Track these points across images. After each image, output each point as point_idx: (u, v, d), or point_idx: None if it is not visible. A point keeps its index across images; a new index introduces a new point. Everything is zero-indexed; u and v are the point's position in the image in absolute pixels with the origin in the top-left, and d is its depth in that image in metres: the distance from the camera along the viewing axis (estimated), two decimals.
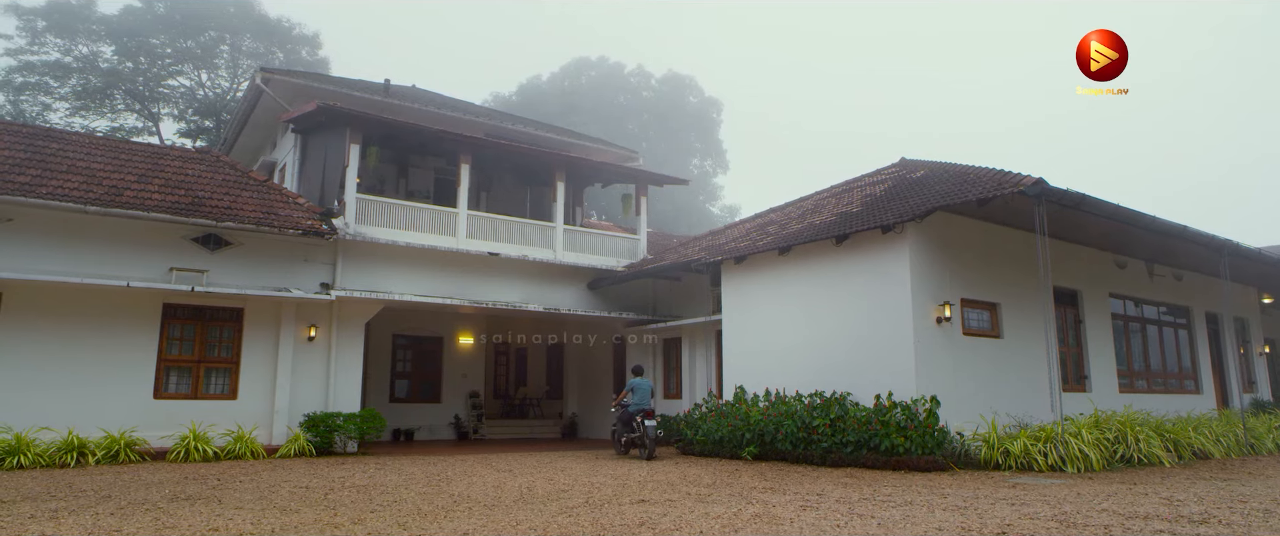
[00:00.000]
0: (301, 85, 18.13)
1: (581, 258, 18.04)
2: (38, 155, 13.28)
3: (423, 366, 20.09)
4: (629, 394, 13.67)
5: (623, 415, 13.61)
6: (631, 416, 13.38)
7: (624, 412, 13.57)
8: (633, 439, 13.39)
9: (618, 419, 13.72)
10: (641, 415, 13.12)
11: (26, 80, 32.07)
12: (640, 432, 13.06)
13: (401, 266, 15.68)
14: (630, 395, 13.63)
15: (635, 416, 13.28)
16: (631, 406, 13.47)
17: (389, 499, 7.96)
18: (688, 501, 7.82)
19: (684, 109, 49.69)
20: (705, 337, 16.89)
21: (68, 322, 12.39)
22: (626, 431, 13.54)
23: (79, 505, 7.43)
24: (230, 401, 13.45)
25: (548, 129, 22.91)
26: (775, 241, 14.33)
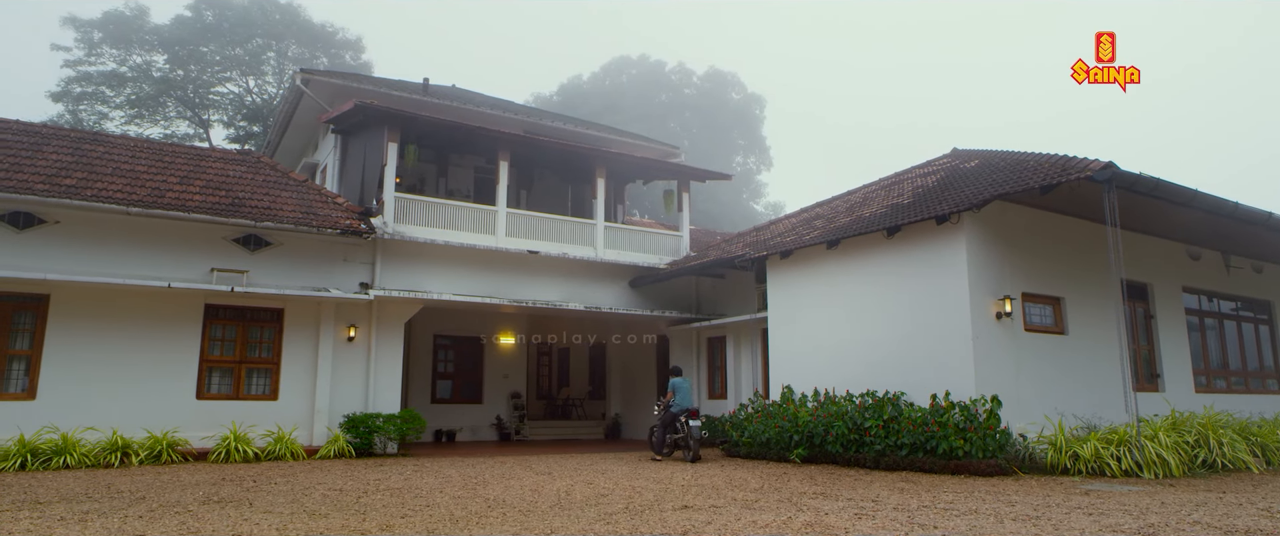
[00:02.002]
0: (341, 86, 18.13)
1: (623, 255, 17.68)
2: (84, 159, 13.40)
3: (464, 367, 19.95)
4: (672, 394, 13.35)
5: (665, 416, 13.25)
6: (675, 417, 13.07)
7: (667, 414, 13.22)
8: (676, 440, 13.08)
9: (660, 421, 13.36)
10: (686, 415, 12.84)
11: (84, 90, 32.99)
12: (684, 433, 12.76)
13: (441, 265, 15.51)
14: (674, 395, 13.31)
15: (679, 417, 12.99)
16: (675, 407, 13.16)
17: (422, 503, 7.68)
18: (734, 508, 7.38)
19: (726, 106, 49.11)
20: (750, 336, 16.39)
21: (113, 323, 12.45)
22: (669, 433, 13.23)
23: (112, 507, 7.29)
24: (271, 402, 13.40)
25: (588, 126, 22.63)
26: (823, 235, 13.78)
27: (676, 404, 13.20)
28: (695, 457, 12.49)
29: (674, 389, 13.38)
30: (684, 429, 12.78)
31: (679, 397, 13.26)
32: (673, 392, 13.35)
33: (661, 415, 13.37)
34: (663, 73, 50.16)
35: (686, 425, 12.72)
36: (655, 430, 13.45)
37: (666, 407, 13.30)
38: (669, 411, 13.20)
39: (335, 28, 37.97)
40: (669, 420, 13.17)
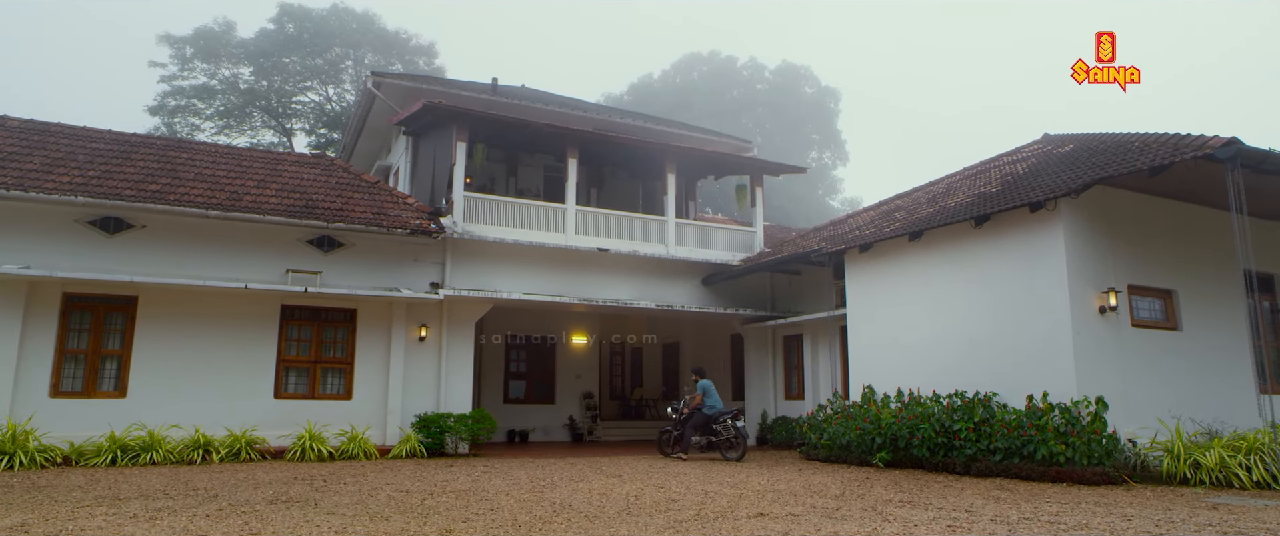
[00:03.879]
0: (411, 87, 18.28)
1: (694, 252, 17.26)
2: (169, 165, 13.80)
3: (536, 367, 19.88)
4: (703, 397, 13.44)
5: (699, 418, 13.27)
6: (709, 419, 13.19)
7: (700, 416, 13.26)
8: (715, 442, 13.20)
9: (691, 423, 13.32)
10: (728, 417, 13.13)
11: (178, 103, 34.58)
12: (729, 435, 13.05)
13: (510, 264, 15.41)
14: (705, 398, 13.42)
15: (720, 418, 13.16)
16: (709, 409, 13.30)
17: (486, 506, 7.45)
18: (813, 516, 6.89)
19: (799, 100, 48.02)
20: (828, 334, 15.74)
21: (196, 324, 12.76)
22: (705, 435, 13.31)
23: (183, 505, 7.31)
24: (345, 401, 13.52)
25: (657, 122, 22.28)
26: (904, 227, 13.06)
27: (710, 406, 13.33)
28: (742, 456, 12.90)
29: (704, 391, 13.48)
30: (729, 430, 13.04)
31: (711, 400, 13.41)
32: (703, 395, 13.42)
33: (693, 417, 13.32)
34: (734, 68, 49.41)
35: (732, 426, 13.02)
36: (673, 430, 13.61)
37: (697, 409, 13.33)
38: (701, 412, 13.26)
39: (409, 34, 38.79)
40: (702, 421, 13.24)
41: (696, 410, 13.31)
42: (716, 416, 13.21)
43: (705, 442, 13.22)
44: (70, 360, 12.17)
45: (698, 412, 13.27)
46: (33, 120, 14.26)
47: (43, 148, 13.18)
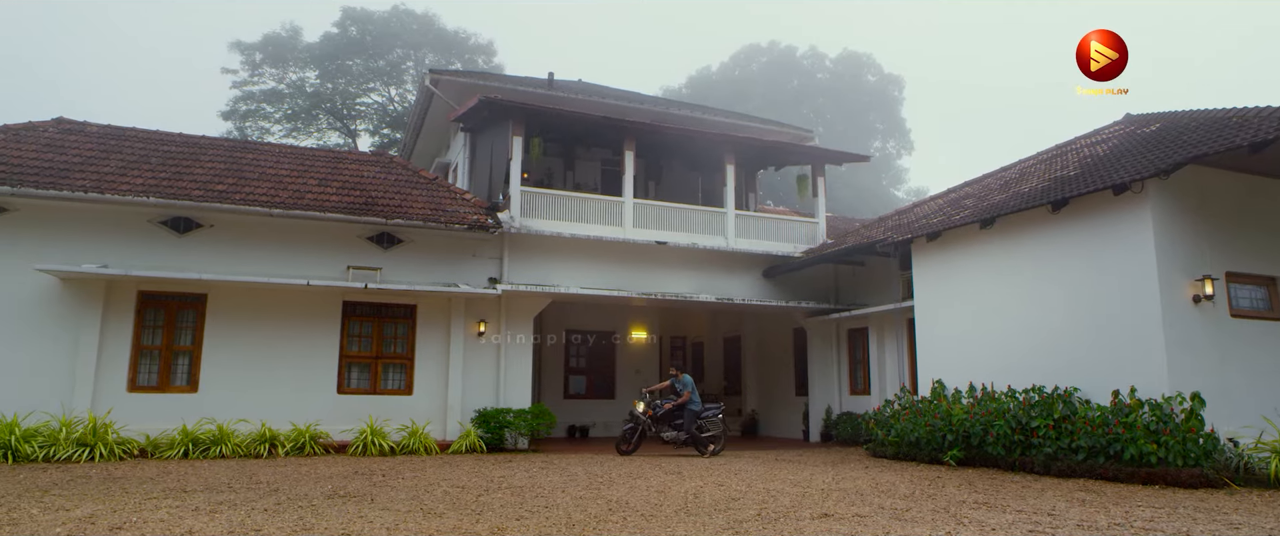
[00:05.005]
0: (467, 84, 18.34)
1: (755, 244, 16.87)
2: (235, 166, 14.12)
3: (596, 362, 19.79)
4: (689, 394, 13.12)
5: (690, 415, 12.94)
6: (697, 414, 13.00)
7: (691, 412, 12.95)
8: (699, 438, 12.96)
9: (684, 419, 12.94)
10: (713, 412, 13.20)
11: (248, 108, 35.71)
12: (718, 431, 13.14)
13: (568, 259, 15.31)
14: (692, 394, 13.13)
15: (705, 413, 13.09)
16: (695, 405, 13.10)
17: (541, 503, 7.30)
18: (881, 517, 6.52)
19: (862, 89, 46.88)
20: (894, 326, 15.18)
21: (262, 320, 13.02)
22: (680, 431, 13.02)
23: (244, 499, 7.37)
24: (406, 397, 13.62)
25: (716, 112, 21.90)
26: (975, 214, 12.45)
27: (698, 402, 13.16)
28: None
29: (690, 387, 13.19)
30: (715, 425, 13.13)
31: (697, 396, 13.23)
32: (689, 392, 13.12)
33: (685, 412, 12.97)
34: (793, 58, 48.52)
35: (717, 420, 13.15)
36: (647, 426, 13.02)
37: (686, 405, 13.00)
38: (691, 408, 12.97)
39: (468, 33, 39.25)
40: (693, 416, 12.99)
41: (685, 406, 13.02)
42: (703, 411, 13.09)
43: (684, 438, 12.92)
44: (145, 355, 12.55)
45: (689, 408, 12.99)
46: (110, 125, 14.77)
47: (119, 151, 13.63)
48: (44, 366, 11.81)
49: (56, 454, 10.81)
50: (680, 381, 13.29)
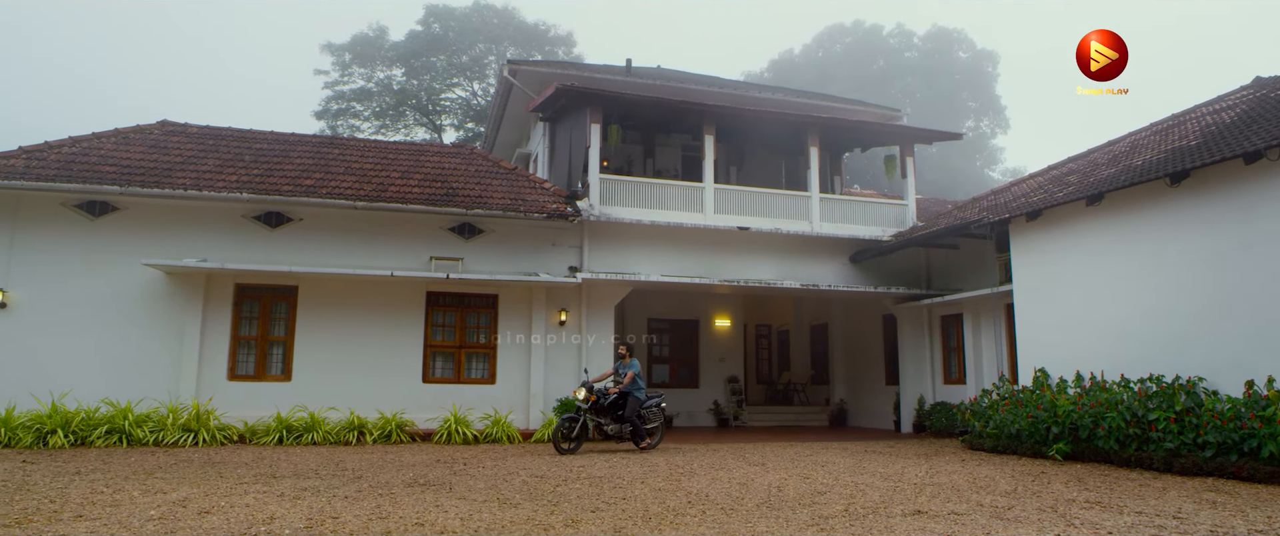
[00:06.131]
0: (546, 73, 18.34)
1: (841, 228, 16.27)
2: (322, 161, 14.51)
3: (679, 350, 19.57)
4: (632, 375, 11.69)
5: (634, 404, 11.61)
6: (641, 403, 11.80)
7: (635, 402, 11.63)
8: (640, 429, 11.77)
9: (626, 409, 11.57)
10: (656, 403, 12.21)
11: (339, 107, 36.97)
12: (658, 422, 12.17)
13: (648, 246, 15.12)
14: (636, 378, 11.77)
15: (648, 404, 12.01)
16: (640, 392, 11.80)
17: (619, 494, 7.13)
18: (980, 515, 6.06)
19: (952, 66, 44.85)
20: (991, 312, 14.36)
21: (350, 311, 13.35)
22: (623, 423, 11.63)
23: (328, 486, 7.48)
24: (489, 385, 13.73)
25: (798, 94, 21.30)
26: (1080, 190, 11.59)
27: (641, 388, 11.82)
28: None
29: (634, 371, 11.77)
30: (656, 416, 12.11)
31: (641, 382, 11.93)
32: (635, 377, 11.72)
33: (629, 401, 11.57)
34: (879, 37, 46.83)
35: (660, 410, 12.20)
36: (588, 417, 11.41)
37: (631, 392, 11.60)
38: (636, 396, 11.60)
39: (547, 25, 39.48)
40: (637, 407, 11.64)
41: (629, 393, 11.58)
42: (646, 400, 11.95)
43: (628, 431, 11.63)
44: (243, 346, 13.05)
45: (633, 397, 11.58)
46: (209, 126, 15.40)
47: (216, 151, 14.19)
48: (152, 356, 12.42)
49: (164, 438, 11.36)
50: (626, 365, 11.86)
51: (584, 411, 11.35)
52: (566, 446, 11.09)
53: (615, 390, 11.61)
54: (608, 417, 11.57)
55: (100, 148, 13.38)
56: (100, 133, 13.97)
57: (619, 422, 11.54)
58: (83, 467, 8.73)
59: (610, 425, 11.54)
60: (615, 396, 11.59)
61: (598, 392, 11.51)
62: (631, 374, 11.66)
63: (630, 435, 11.65)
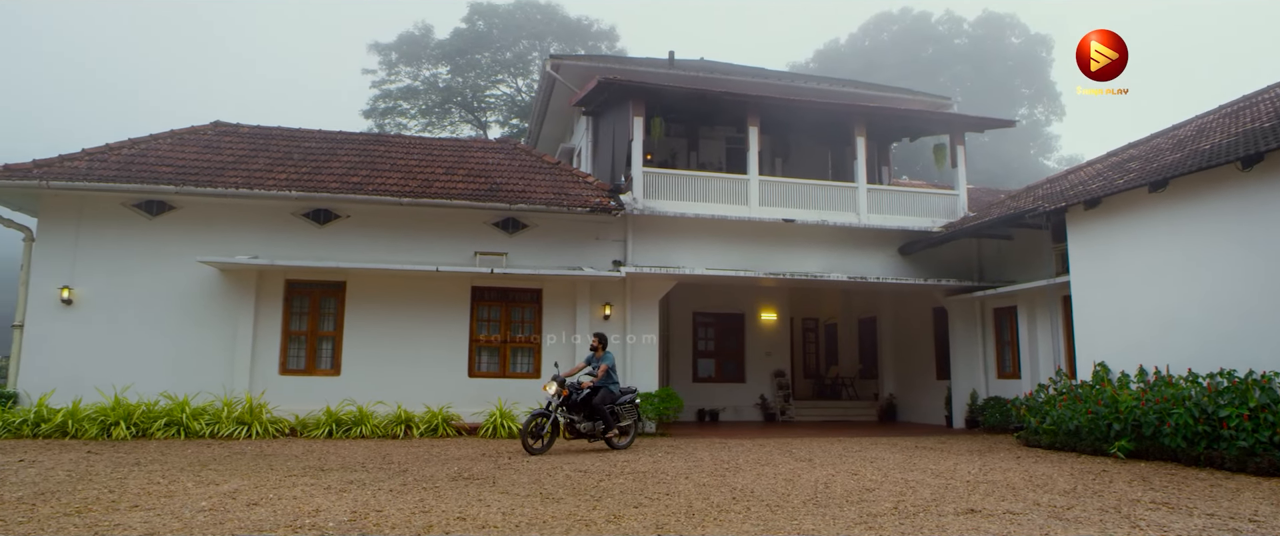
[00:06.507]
0: (588, 67, 18.30)
1: (889, 219, 15.92)
2: (368, 158, 14.69)
3: (725, 345, 19.39)
4: (606, 368, 10.93)
5: (604, 397, 10.72)
6: (615, 398, 10.90)
7: (607, 395, 10.77)
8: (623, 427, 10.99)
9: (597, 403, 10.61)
10: (630, 398, 11.24)
11: (387, 106, 37.55)
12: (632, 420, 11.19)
13: (692, 239, 14.99)
14: (611, 372, 11.02)
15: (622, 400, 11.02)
16: (617, 388, 11.04)
17: (662, 490, 7.04)
18: (1037, 515, 5.82)
19: (1005, 53, 43.65)
20: (1047, 304, 13.90)
21: (397, 306, 13.50)
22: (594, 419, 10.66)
23: (373, 479, 7.55)
24: (533, 380, 13.74)
25: (844, 83, 20.86)
26: (1143, 176, 11.11)
27: (615, 383, 11.02)
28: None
29: (609, 364, 11.02)
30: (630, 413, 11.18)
31: (616, 376, 11.21)
32: (607, 367, 10.94)
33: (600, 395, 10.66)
34: (928, 24, 45.78)
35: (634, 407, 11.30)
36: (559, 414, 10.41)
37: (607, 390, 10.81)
38: (610, 390, 10.82)
39: (590, 20, 39.53)
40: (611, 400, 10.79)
41: (604, 387, 10.79)
42: (620, 396, 11.03)
43: (602, 429, 10.64)
44: (294, 341, 13.30)
45: (606, 390, 10.77)
46: (259, 126, 15.71)
47: (266, 150, 14.47)
48: (208, 350, 12.74)
49: (220, 431, 11.64)
50: (600, 358, 11.07)
51: (555, 408, 10.36)
52: (536, 445, 10.11)
53: (588, 384, 10.74)
54: (580, 414, 10.61)
55: (157, 148, 13.74)
56: (157, 134, 14.35)
57: (592, 420, 10.61)
58: (142, 458, 8.97)
59: (583, 422, 10.57)
60: (590, 391, 10.67)
61: (570, 387, 10.59)
62: (606, 366, 10.92)
63: (603, 433, 10.71)
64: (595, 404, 10.59)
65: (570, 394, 10.56)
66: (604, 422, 10.61)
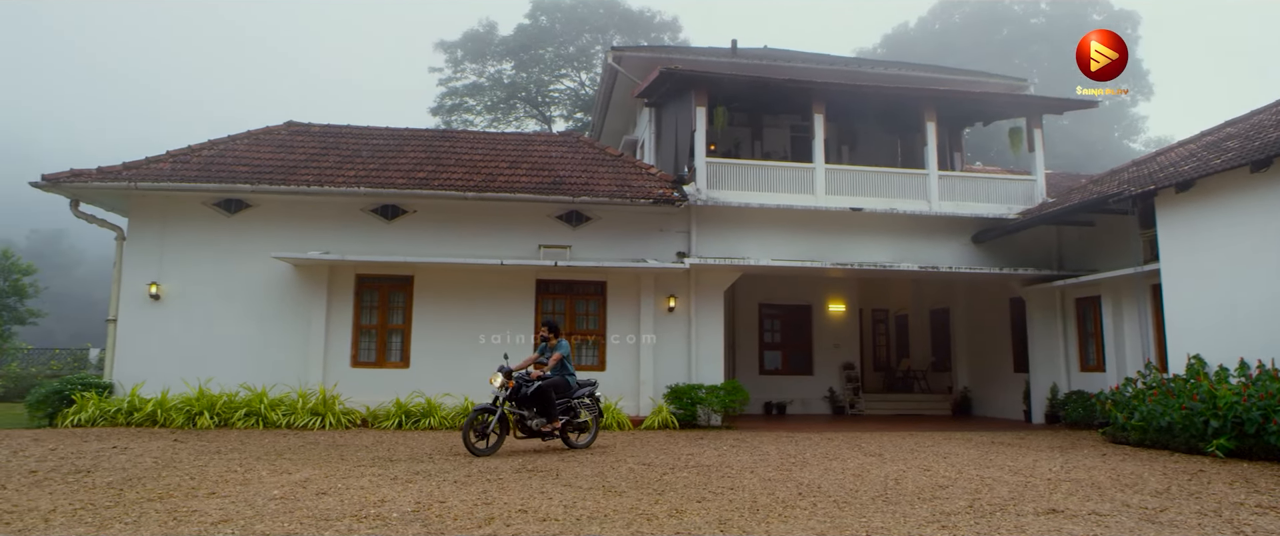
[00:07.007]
0: (649, 58, 18.18)
1: (962, 207, 15.36)
2: (433, 154, 14.93)
3: (792, 337, 19.06)
4: (559, 356, 9.80)
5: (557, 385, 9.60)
6: (572, 392, 9.87)
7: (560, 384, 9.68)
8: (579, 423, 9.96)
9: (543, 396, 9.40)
10: (588, 392, 10.09)
11: (453, 103, 38.21)
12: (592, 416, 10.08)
13: (757, 230, 14.76)
14: (565, 362, 9.91)
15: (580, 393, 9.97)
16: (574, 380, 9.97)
17: (727, 484, 6.91)
18: (1128, 517, 5.48)
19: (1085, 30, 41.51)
20: (1134, 294, 13.18)
21: (463, 299, 13.69)
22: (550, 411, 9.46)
23: (439, 470, 7.64)
24: (598, 373, 13.72)
25: (913, 67, 20.23)
26: (1242, 155, 10.40)
27: (571, 374, 9.95)
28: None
29: (563, 353, 9.88)
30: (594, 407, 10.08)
31: (571, 367, 10.08)
32: (560, 355, 9.84)
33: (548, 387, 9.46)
34: (1002, 5, 44.08)
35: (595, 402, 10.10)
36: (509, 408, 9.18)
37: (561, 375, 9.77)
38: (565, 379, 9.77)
39: (652, 12, 39.40)
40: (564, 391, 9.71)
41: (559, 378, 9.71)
42: (577, 389, 9.98)
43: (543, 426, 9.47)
44: (365, 334, 13.62)
45: (562, 381, 9.74)
46: (330, 125, 16.12)
47: (336, 148, 14.83)
48: (283, 343, 13.15)
49: (295, 422, 12.01)
50: (553, 347, 9.94)
51: (501, 402, 9.13)
52: (481, 445, 8.93)
53: (537, 374, 9.49)
54: (531, 409, 9.39)
55: (234, 149, 14.24)
56: (235, 135, 14.87)
57: (545, 415, 9.44)
58: (222, 447, 9.31)
59: (534, 418, 9.39)
60: (538, 383, 9.40)
61: (517, 379, 9.34)
62: (559, 355, 9.78)
63: (562, 432, 9.70)
64: (546, 397, 9.39)
65: (517, 386, 9.31)
66: (548, 417, 9.40)
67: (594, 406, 10.16)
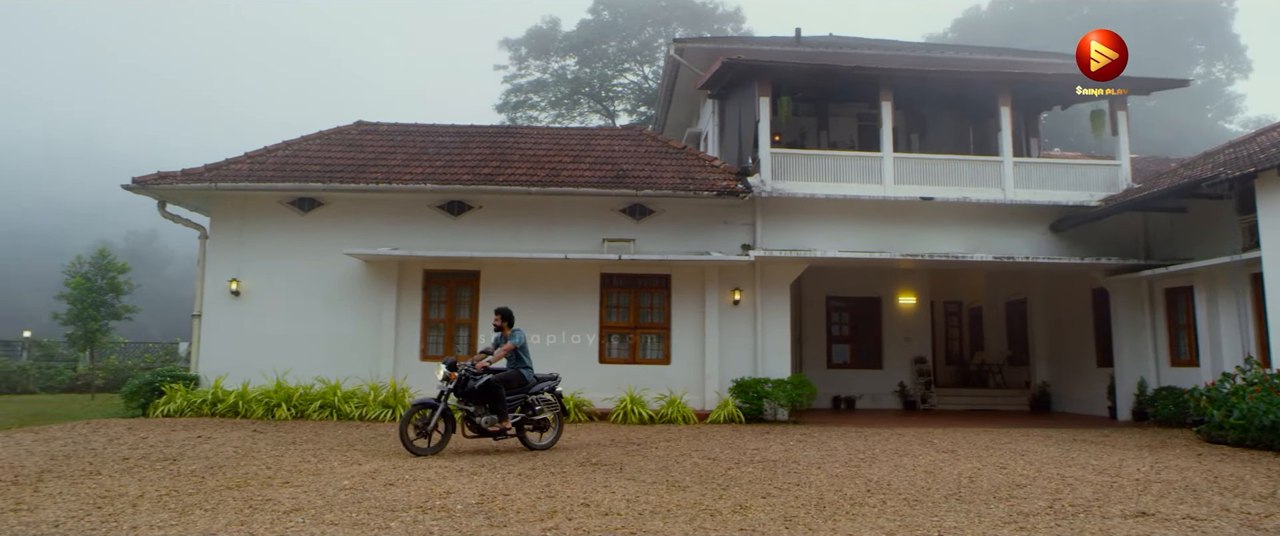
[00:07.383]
0: (712, 49, 17.99)
1: (1039, 194, 14.72)
2: (498, 150, 15.09)
3: (861, 330, 18.65)
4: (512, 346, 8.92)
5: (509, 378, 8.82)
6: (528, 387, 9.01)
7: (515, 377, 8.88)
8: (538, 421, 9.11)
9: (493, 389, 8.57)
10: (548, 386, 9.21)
11: (518, 99, 38.70)
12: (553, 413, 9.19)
13: (823, 221, 14.45)
14: (521, 352, 9.06)
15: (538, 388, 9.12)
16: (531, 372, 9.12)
17: (793, 480, 6.77)
18: (1227, 522, 5.13)
19: (1174, 6, 39.51)
20: (1231, 284, 12.42)
21: (529, 293, 13.78)
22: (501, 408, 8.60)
23: (505, 462, 7.71)
24: (664, 366, 13.72)
25: (985, 51, 19.50)
26: None
27: (528, 366, 9.08)
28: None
29: (519, 345, 9.01)
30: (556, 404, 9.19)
31: (529, 359, 9.17)
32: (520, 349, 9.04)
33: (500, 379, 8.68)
34: None
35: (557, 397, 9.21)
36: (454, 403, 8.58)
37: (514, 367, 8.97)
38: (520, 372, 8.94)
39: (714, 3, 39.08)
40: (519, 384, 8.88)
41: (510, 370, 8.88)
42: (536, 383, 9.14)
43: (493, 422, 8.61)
44: (433, 328, 13.88)
45: (516, 375, 8.88)
46: (397, 123, 16.47)
47: (403, 146, 15.14)
48: (355, 337, 13.50)
49: (366, 414, 12.32)
50: (507, 337, 9.13)
51: (445, 396, 8.47)
52: (422, 444, 8.22)
53: (484, 365, 8.63)
54: (480, 405, 8.61)
55: (307, 149, 14.68)
56: (308, 135, 15.34)
57: (495, 412, 8.60)
58: (298, 438, 9.61)
59: (483, 415, 8.58)
60: (485, 375, 8.55)
61: (463, 372, 8.57)
62: (512, 345, 8.90)
63: (519, 429, 8.85)
64: (495, 392, 8.57)
65: (462, 379, 8.51)
66: (499, 414, 8.56)
67: (556, 402, 9.30)
